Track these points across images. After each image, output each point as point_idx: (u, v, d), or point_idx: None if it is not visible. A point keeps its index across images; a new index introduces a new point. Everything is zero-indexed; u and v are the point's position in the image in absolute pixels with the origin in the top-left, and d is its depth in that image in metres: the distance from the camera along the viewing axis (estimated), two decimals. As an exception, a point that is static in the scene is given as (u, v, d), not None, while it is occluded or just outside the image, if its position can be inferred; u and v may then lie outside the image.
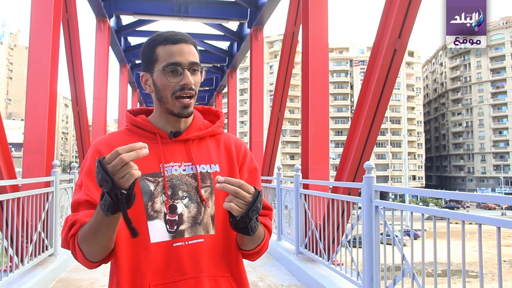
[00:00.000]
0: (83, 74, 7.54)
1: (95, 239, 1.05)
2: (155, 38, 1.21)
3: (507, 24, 75.32)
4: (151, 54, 1.20)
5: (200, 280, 1.13)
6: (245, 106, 66.25)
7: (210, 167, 1.22)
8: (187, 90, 1.17)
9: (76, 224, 1.09)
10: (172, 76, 1.17)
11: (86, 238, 1.06)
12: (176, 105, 1.18)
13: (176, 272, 1.12)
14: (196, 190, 1.18)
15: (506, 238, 33.22)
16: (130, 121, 1.25)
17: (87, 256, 1.09)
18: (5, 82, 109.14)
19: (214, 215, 1.18)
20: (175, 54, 1.17)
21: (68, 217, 1.13)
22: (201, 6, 9.57)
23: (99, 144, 1.20)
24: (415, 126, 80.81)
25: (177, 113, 1.19)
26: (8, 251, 3.80)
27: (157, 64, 1.18)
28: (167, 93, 1.18)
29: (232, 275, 1.19)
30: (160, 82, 1.18)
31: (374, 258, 3.22)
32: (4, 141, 4.31)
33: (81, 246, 1.08)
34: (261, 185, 1.33)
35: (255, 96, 9.56)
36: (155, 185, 1.16)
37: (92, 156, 1.18)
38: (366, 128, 4.31)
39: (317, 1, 5.64)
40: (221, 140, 1.28)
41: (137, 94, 17.37)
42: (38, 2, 5.16)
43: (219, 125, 1.30)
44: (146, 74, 1.22)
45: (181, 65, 1.16)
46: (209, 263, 1.15)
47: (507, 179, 74.08)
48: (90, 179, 1.15)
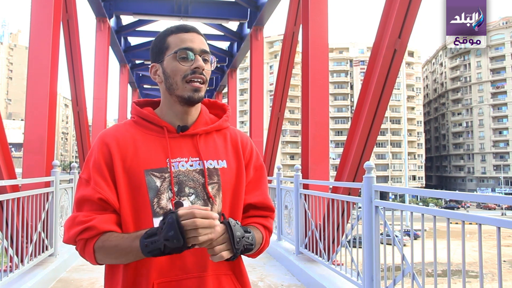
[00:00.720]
0: (83, 74, 7.53)
1: (116, 258, 1.08)
2: (167, 29, 1.22)
3: (507, 24, 75.32)
4: (162, 43, 1.19)
5: (204, 279, 1.13)
6: (245, 106, 66.29)
7: (217, 163, 1.20)
8: (198, 74, 1.16)
9: (92, 230, 1.08)
10: (183, 60, 1.16)
11: (108, 253, 1.08)
12: (187, 88, 1.16)
13: (180, 271, 1.12)
14: (203, 186, 1.16)
15: (506, 238, 33.22)
16: (136, 113, 1.23)
17: (98, 261, 1.11)
18: (5, 82, 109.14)
19: (221, 212, 1.17)
20: (187, 40, 1.17)
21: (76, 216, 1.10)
22: (201, 6, 9.57)
23: (106, 137, 1.17)
24: (415, 126, 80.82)
25: (187, 97, 1.16)
26: (8, 251, 3.80)
27: (168, 51, 1.18)
28: (178, 78, 1.16)
29: (234, 273, 1.19)
30: (171, 67, 1.17)
31: (374, 258, 3.22)
32: (4, 141, 4.30)
33: (97, 254, 1.09)
34: (266, 182, 1.32)
35: (255, 96, 9.56)
36: (161, 181, 1.14)
37: (100, 150, 1.15)
38: (366, 128, 4.31)
39: (317, 1, 5.63)
40: (228, 135, 1.27)
41: (137, 94, 17.36)
42: (38, 2, 5.16)
43: (226, 119, 1.28)
44: (156, 64, 1.21)
45: (193, 50, 1.17)
46: (213, 262, 1.13)
47: (507, 179, 74.08)
48: (100, 176, 1.12)
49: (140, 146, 1.16)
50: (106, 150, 1.14)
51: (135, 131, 1.19)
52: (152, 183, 1.13)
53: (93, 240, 1.08)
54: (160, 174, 1.14)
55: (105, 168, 1.13)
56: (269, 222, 1.25)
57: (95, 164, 1.14)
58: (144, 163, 1.14)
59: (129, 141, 1.16)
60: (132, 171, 1.13)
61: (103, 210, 1.11)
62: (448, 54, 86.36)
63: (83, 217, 1.09)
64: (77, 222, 1.09)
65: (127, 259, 1.06)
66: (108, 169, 1.13)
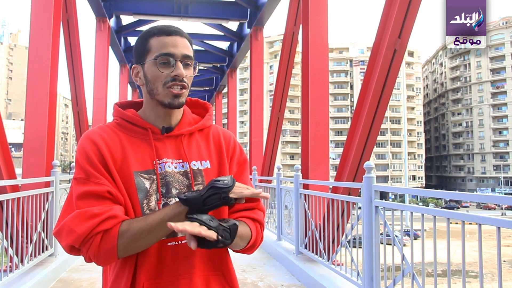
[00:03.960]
0: (83, 74, 7.54)
1: (148, 234, 1.05)
2: (149, 30, 1.19)
3: (507, 24, 75.31)
4: (144, 45, 1.17)
5: (193, 279, 1.13)
6: (245, 106, 66.27)
7: (201, 164, 1.20)
8: (178, 82, 1.14)
9: (113, 219, 1.04)
10: (164, 67, 1.14)
11: (139, 233, 1.04)
12: (167, 94, 1.14)
13: (169, 272, 1.12)
14: (189, 188, 1.16)
15: (506, 238, 33.22)
16: (119, 115, 1.20)
17: (120, 252, 1.05)
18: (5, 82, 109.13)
19: None
20: (168, 45, 1.14)
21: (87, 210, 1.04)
22: (201, 6, 9.57)
23: (93, 135, 1.14)
24: (415, 126, 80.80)
25: (168, 103, 1.15)
26: (8, 251, 3.80)
27: (149, 55, 1.16)
28: (158, 84, 1.15)
29: (222, 273, 1.19)
30: (151, 73, 1.15)
31: (374, 258, 3.22)
32: (4, 141, 4.30)
33: (121, 241, 1.04)
34: (248, 178, 1.31)
35: (255, 96, 9.56)
36: (150, 183, 1.13)
37: (91, 149, 1.11)
38: (366, 128, 4.31)
39: (317, 1, 5.64)
40: (210, 134, 1.26)
41: (137, 94, 17.36)
42: (38, 2, 5.16)
43: (208, 118, 1.28)
44: (138, 66, 1.19)
45: (174, 56, 1.14)
46: (201, 262, 1.15)
47: (507, 179, 74.07)
48: (98, 172, 1.09)
49: (127, 148, 1.14)
50: (96, 149, 1.12)
51: (120, 133, 1.17)
52: (142, 185, 1.12)
53: (116, 228, 1.04)
54: (148, 175, 1.13)
55: (101, 166, 1.10)
56: (257, 214, 1.22)
57: (90, 162, 1.10)
58: (132, 164, 1.13)
59: (117, 142, 1.15)
60: (123, 172, 1.11)
61: (115, 203, 1.08)
62: (448, 54, 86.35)
63: (98, 210, 1.04)
64: (91, 215, 1.03)
65: (164, 229, 1.04)
66: (103, 167, 1.10)
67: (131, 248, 1.06)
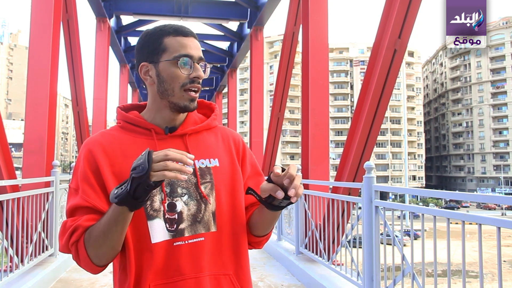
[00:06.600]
0: (83, 74, 7.54)
1: (104, 240, 1.03)
2: (162, 28, 1.17)
3: (507, 24, 75.32)
4: (158, 43, 1.15)
5: (200, 280, 1.11)
6: (245, 106, 66.28)
7: (209, 162, 1.19)
8: (196, 83, 1.16)
9: (78, 230, 1.06)
10: (184, 68, 1.14)
11: (96, 239, 1.04)
12: (184, 97, 1.15)
13: (175, 272, 1.10)
14: (195, 186, 1.15)
15: (506, 238, 33.21)
16: (122, 117, 1.20)
17: (94, 260, 1.07)
18: (5, 82, 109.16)
19: (215, 212, 1.15)
20: (187, 46, 1.14)
21: (65, 222, 1.09)
22: (201, 6, 9.57)
23: (91, 144, 1.15)
24: (415, 126, 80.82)
25: (183, 106, 1.15)
26: (8, 251, 3.80)
27: (165, 55, 1.14)
28: (175, 85, 1.14)
29: (234, 273, 1.17)
30: (168, 73, 1.14)
31: (374, 258, 3.22)
32: (4, 141, 4.31)
33: (89, 250, 1.06)
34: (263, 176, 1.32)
35: (255, 96, 9.56)
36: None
37: (85, 157, 1.13)
38: (366, 128, 4.31)
39: (317, 1, 5.64)
40: (218, 134, 1.26)
41: (137, 94, 17.35)
42: (38, 2, 5.16)
43: (214, 118, 1.27)
44: (149, 64, 1.16)
45: (193, 58, 1.15)
46: (210, 262, 1.13)
47: (507, 179, 74.07)
48: (87, 184, 1.10)
49: (128, 150, 1.14)
50: (91, 158, 1.12)
51: (122, 136, 1.17)
52: None
53: (82, 238, 1.06)
54: None
55: (92, 175, 1.11)
56: None
57: (81, 173, 1.12)
58: None
59: (116, 146, 1.14)
60: (122, 175, 1.10)
61: (91, 213, 1.09)
62: (448, 54, 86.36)
63: (71, 222, 1.08)
64: (67, 228, 1.08)
65: (112, 231, 1.02)
66: (94, 176, 1.11)
67: (101, 254, 1.06)
